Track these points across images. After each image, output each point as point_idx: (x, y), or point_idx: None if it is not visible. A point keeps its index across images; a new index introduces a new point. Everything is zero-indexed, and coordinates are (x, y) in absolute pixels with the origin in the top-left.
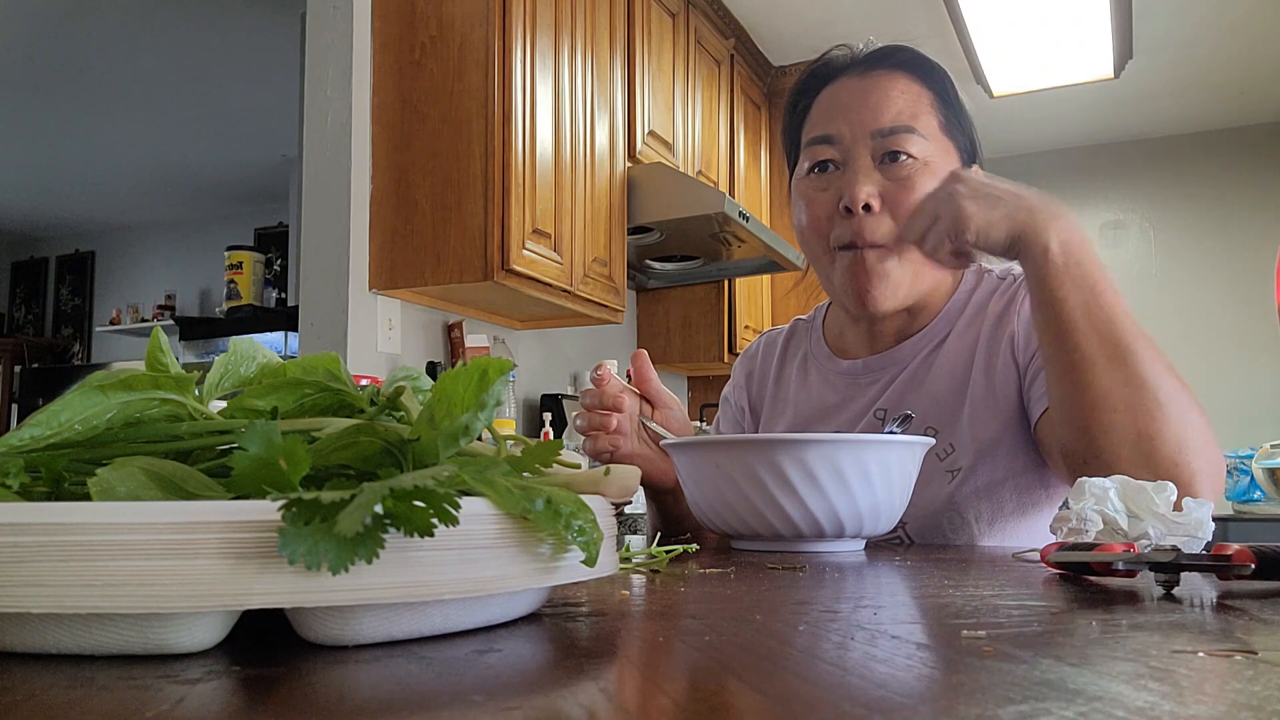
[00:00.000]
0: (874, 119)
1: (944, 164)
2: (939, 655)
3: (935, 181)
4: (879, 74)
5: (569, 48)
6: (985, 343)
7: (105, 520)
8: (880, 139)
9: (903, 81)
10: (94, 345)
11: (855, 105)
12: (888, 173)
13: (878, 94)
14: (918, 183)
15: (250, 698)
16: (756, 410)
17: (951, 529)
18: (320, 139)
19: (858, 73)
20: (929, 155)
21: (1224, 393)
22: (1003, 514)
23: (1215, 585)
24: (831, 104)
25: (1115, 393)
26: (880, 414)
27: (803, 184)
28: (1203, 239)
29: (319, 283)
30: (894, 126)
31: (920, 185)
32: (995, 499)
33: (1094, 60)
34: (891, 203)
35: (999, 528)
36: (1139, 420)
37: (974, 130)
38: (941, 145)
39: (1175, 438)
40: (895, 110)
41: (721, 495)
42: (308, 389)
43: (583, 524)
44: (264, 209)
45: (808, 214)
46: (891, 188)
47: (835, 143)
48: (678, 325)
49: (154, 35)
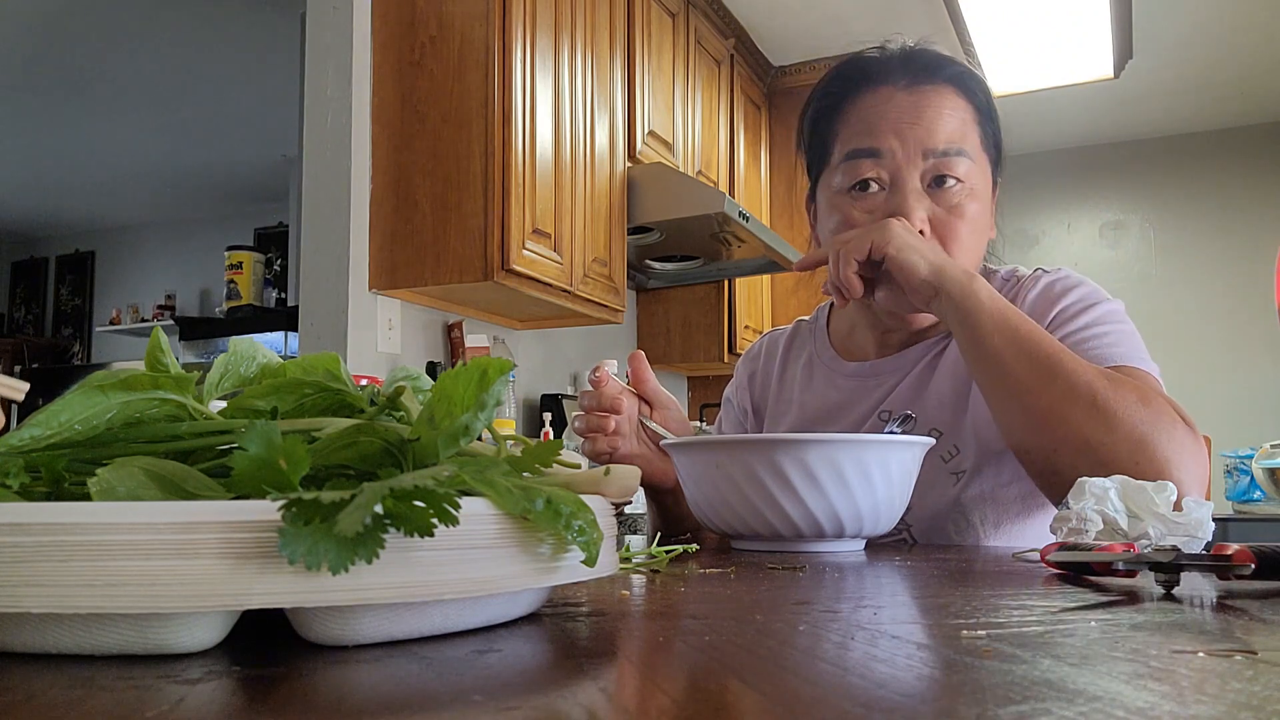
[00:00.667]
0: (928, 138)
1: (983, 184)
2: (939, 655)
3: (977, 204)
4: (929, 89)
5: (569, 48)
6: None
7: (105, 520)
8: (933, 160)
9: (952, 98)
10: (94, 345)
11: (907, 121)
12: (936, 197)
13: (931, 112)
14: (966, 209)
15: (250, 698)
16: (759, 411)
17: (956, 531)
18: (320, 139)
19: (905, 84)
20: (974, 178)
21: (1224, 393)
22: (1007, 516)
23: (1215, 585)
24: (877, 115)
25: (1055, 409)
26: (884, 415)
27: (841, 199)
28: (1203, 239)
29: (319, 283)
30: (947, 149)
31: (968, 211)
32: (1000, 501)
33: (1094, 60)
34: (941, 229)
35: (1004, 530)
36: (1085, 429)
37: (1001, 138)
38: (981, 164)
39: (1129, 435)
40: (949, 131)
41: (721, 495)
42: (308, 389)
43: (583, 524)
44: (264, 209)
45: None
46: (941, 213)
47: (882, 158)
48: (678, 325)
49: (154, 35)
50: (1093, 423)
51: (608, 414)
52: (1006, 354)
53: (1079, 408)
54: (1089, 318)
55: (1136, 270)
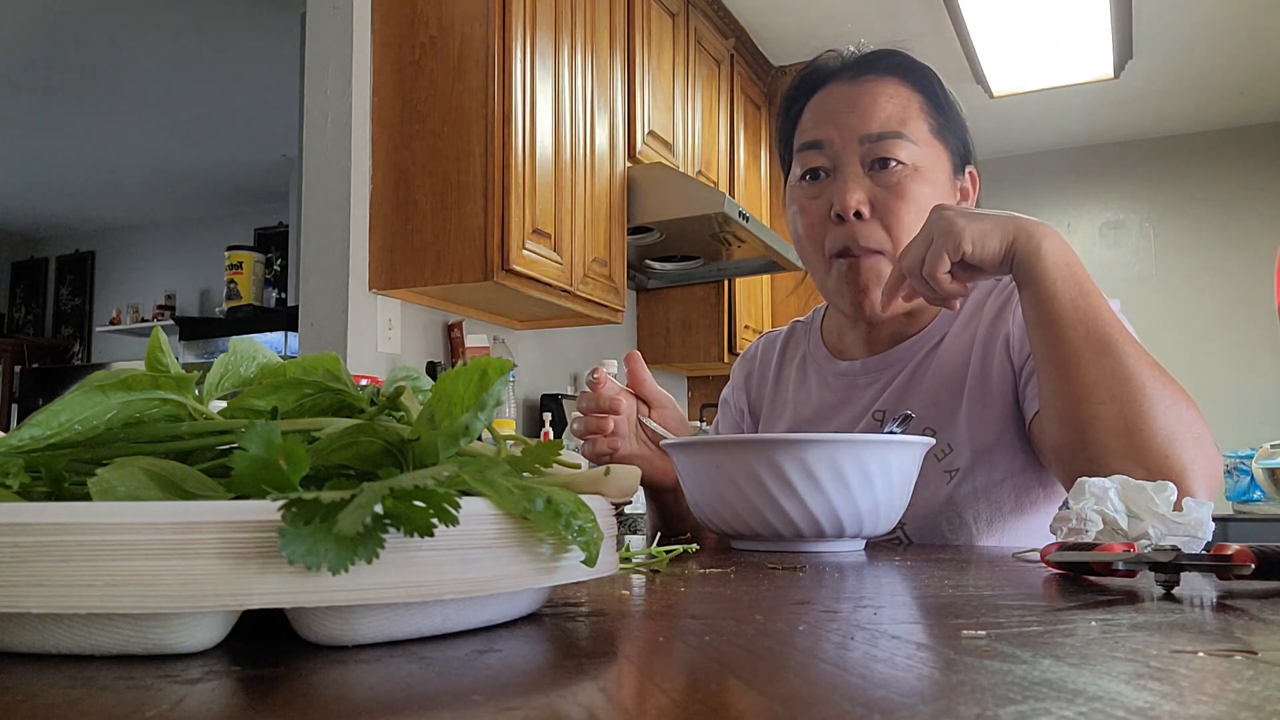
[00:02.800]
0: (862, 124)
1: (935, 169)
2: (939, 655)
3: (927, 186)
4: (868, 79)
5: (569, 48)
6: (981, 343)
7: (105, 520)
8: (869, 144)
9: (892, 86)
10: (94, 345)
11: (844, 111)
12: (877, 179)
13: (866, 99)
14: (907, 189)
15: (250, 698)
16: (756, 411)
17: (950, 529)
18: (320, 139)
19: (847, 78)
20: (919, 160)
21: (1223, 393)
22: (1001, 514)
23: (1215, 585)
24: (821, 110)
25: (1102, 384)
26: (879, 415)
27: (795, 191)
28: (1203, 239)
29: (319, 283)
30: (882, 132)
31: (910, 191)
32: (993, 499)
33: (1094, 60)
34: (882, 209)
35: (997, 528)
36: (1126, 411)
37: (966, 133)
38: (932, 150)
39: (1164, 430)
40: (884, 115)
41: (721, 495)
42: (308, 389)
43: (583, 524)
44: (264, 209)
45: (802, 221)
46: (881, 194)
47: (824, 148)
48: (678, 325)
49: (154, 35)
50: (1134, 408)
51: (606, 415)
52: (1066, 320)
53: (1126, 388)
54: None
55: (1136, 270)
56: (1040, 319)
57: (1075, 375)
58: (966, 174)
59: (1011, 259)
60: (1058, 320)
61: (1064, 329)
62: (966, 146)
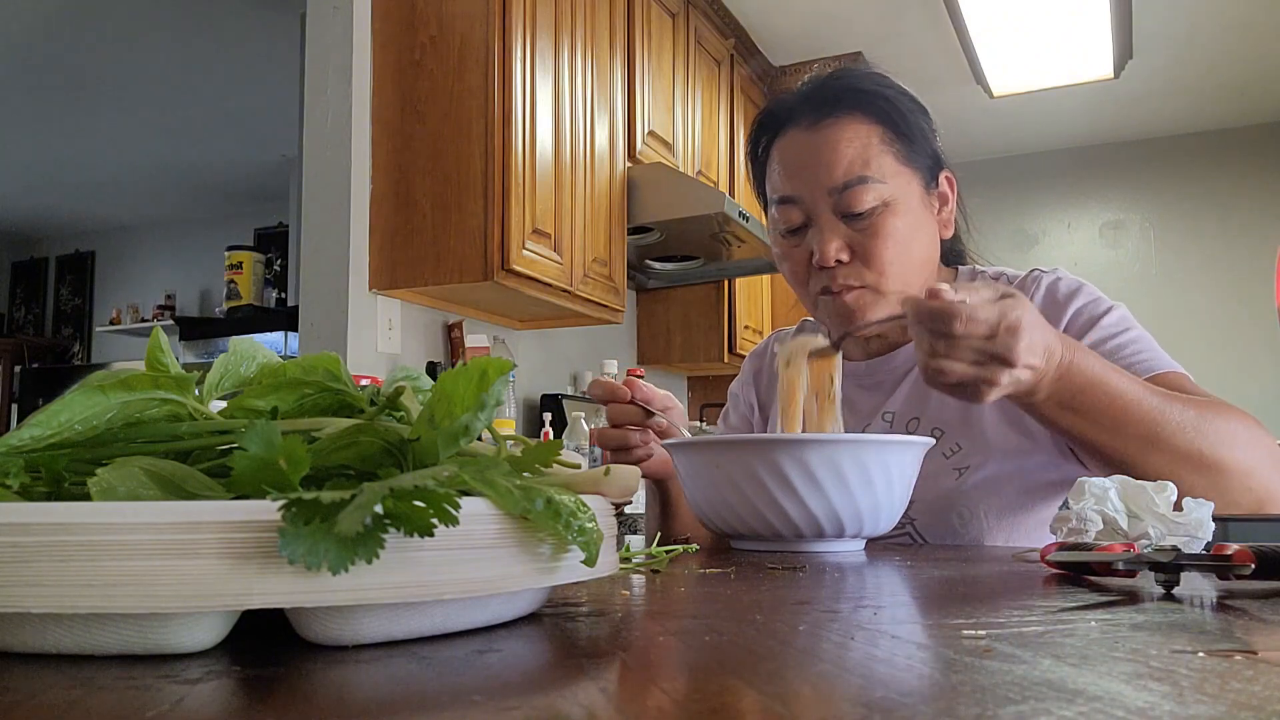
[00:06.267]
0: (828, 176)
1: (907, 196)
2: (939, 655)
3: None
4: (825, 125)
5: (569, 48)
6: None
7: (105, 520)
8: (837, 195)
9: (850, 127)
10: (94, 345)
11: (809, 164)
12: (852, 225)
13: (826, 150)
14: (881, 228)
15: (250, 698)
16: (765, 407)
17: (960, 524)
18: (320, 139)
19: (806, 124)
20: (888, 196)
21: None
22: (1010, 509)
23: (1215, 585)
24: (785, 161)
25: (1161, 472)
26: (889, 417)
27: (778, 240)
28: (1203, 239)
29: (319, 283)
30: (847, 181)
31: (885, 229)
32: (1003, 494)
33: (1094, 60)
34: (862, 252)
35: (1007, 522)
36: (1197, 486)
37: (934, 141)
38: (901, 179)
39: (1238, 475)
40: (846, 162)
41: (721, 495)
42: (308, 389)
43: (583, 524)
44: (264, 209)
45: (786, 266)
46: (859, 238)
47: (798, 203)
48: (678, 325)
49: (154, 35)
50: (1203, 478)
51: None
52: (1101, 438)
53: (1185, 468)
54: (1107, 326)
55: (1136, 270)
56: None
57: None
58: (942, 180)
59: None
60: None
61: (1102, 444)
62: (936, 157)
